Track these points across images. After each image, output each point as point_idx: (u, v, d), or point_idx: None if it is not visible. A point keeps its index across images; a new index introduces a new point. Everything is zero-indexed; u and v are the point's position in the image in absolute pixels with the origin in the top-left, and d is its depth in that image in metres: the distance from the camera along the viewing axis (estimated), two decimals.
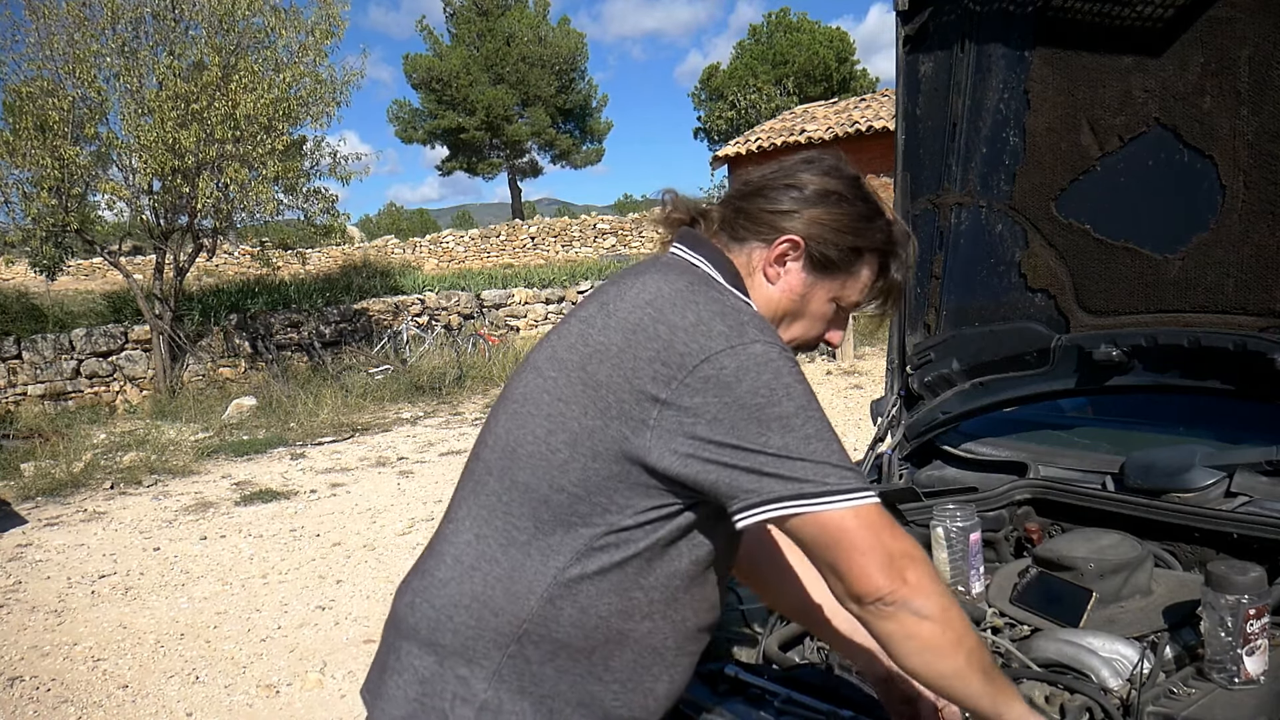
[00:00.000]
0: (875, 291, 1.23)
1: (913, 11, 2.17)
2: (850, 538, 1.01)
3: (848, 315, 1.26)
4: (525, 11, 33.45)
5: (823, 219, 1.17)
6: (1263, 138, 1.67)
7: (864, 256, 1.20)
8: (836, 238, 1.17)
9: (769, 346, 1.05)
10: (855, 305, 1.24)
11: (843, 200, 1.19)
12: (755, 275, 1.20)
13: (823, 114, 16.39)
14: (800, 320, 1.23)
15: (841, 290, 1.21)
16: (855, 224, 1.18)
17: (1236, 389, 1.77)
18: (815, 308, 1.22)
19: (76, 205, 10.79)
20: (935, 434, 2.27)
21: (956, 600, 1.07)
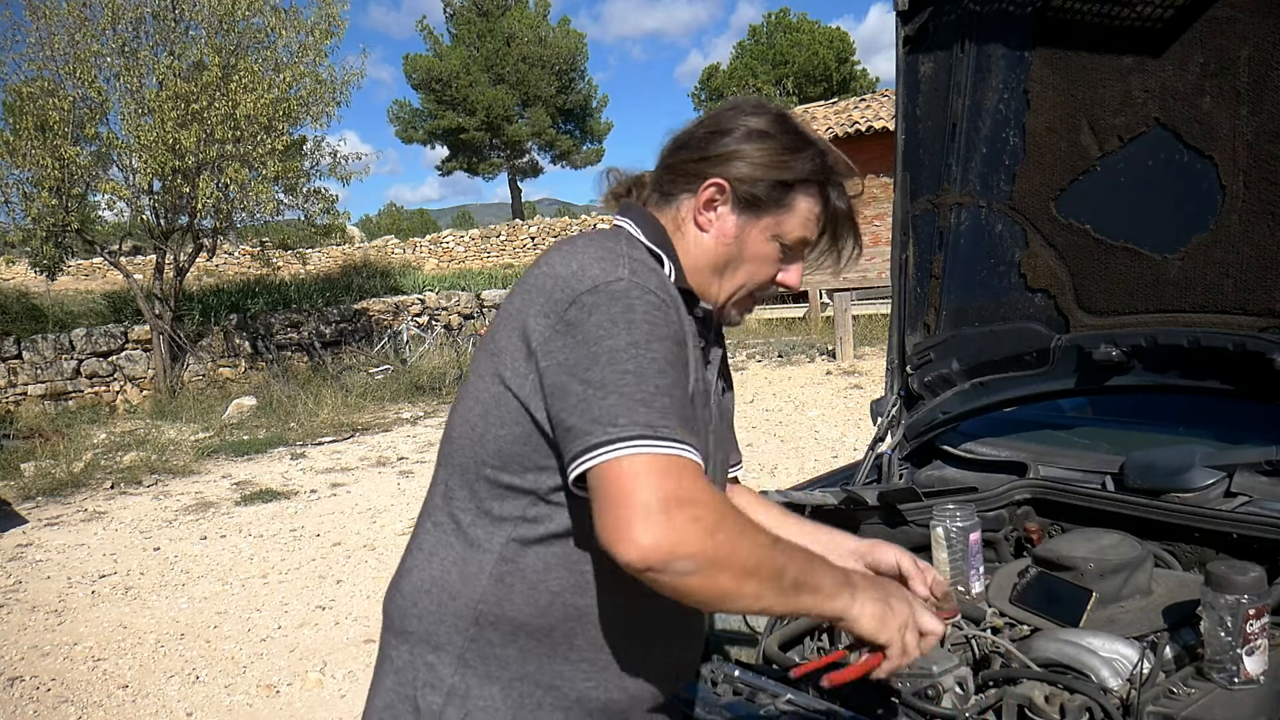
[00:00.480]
0: (820, 223, 1.20)
1: (913, 11, 2.17)
2: (609, 488, 0.92)
3: (800, 254, 1.23)
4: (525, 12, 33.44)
5: (745, 157, 1.15)
6: (1262, 138, 1.67)
7: (796, 189, 1.16)
8: (762, 173, 1.14)
9: (631, 284, 1.02)
10: (803, 241, 1.20)
11: (765, 136, 1.16)
12: (686, 227, 1.19)
13: (823, 114, 16.39)
14: (743, 265, 1.19)
15: (779, 227, 1.18)
16: (779, 157, 1.15)
17: (1236, 389, 1.77)
18: (754, 249, 1.18)
19: (77, 205, 10.80)
20: (935, 434, 2.27)
21: (725, 523, 0.94)
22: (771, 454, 7.28)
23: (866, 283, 14.14)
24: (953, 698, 1.37)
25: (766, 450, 7.41)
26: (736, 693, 1.43)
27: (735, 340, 13.48)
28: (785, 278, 1.23)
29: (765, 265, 1.20)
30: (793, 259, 1.22)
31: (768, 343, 13.03)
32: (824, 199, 1.19)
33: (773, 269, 1.21)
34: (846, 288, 13.32)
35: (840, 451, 7.09)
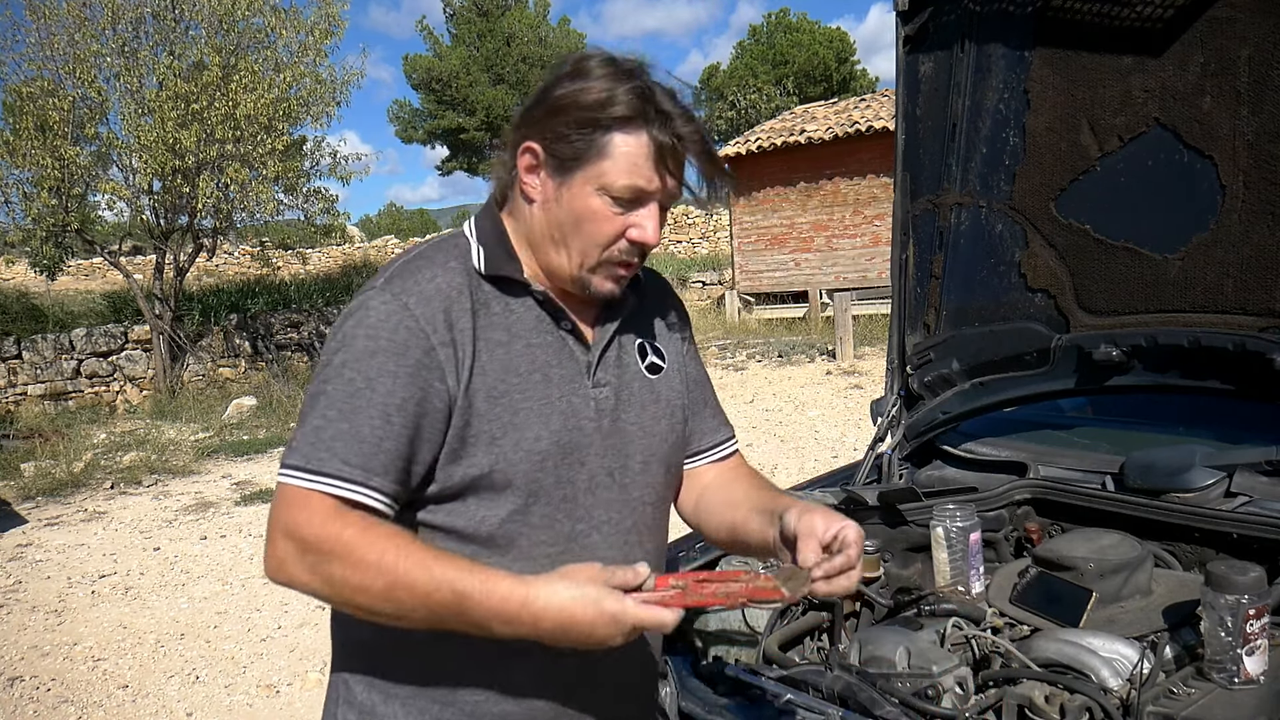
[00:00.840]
0: (649, 162, 1.08)
1: (913, 11, 2.17)
2: (272, 510, 1.03)
3: (646, 204, 1.11)
4: (525, 12, 33.44)
5: (547, 111, 1.09)
6: (1262, 138, 1.67)
7: (613, 132, 1.07)
8: (564, 124, 1.08)
9: (375, 294, 1.07)
10: (637, 189, 1.09)
11: (562, 83, 1.09)
12: (516, 202, 1.15)
13: (823, 114, 16.39)
14: (579, 230, 1.11)
15: (602, 178, 1.08)
16: (580, 102, 1.07)
17: (1236, 389, 1.77)
18: (580, 206, 1.09)
19: (76, 205, 10.80)
20: (935, 434, 2.27)
21: (332, 562, 0.99)
22: (771, 454, 7.28)
23: (866, 283, 14.15)
24: (953, 698, 1.37)
25: (766, 450, 7.41)
26: (736, 693, 1.43)
27: (735, 340, 13.49)
28: (638, 235, 1.11)
29: (600, 223, 1.10)
30: (636, 211, 1.11)
31: (768, 343, 13.03)
32: (651, 138, 1.07)
33: (611, 225, 1.10)
34: (847, 288, 13.32)
35: (840, 451, 7.09)
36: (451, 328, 1.07)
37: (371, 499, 1.02)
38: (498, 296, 1.13)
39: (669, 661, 1.50)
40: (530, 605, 0.96)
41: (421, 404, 1.04)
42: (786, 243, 15.62)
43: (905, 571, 1.95)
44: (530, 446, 1.09)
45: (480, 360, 1.08)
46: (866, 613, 1.82)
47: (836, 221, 15.03)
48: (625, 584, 0.97)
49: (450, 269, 1.11)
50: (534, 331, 1.14)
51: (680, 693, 1.44)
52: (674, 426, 1.25)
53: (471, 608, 0.97)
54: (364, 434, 1.01)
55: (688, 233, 24.71)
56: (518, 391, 1.10)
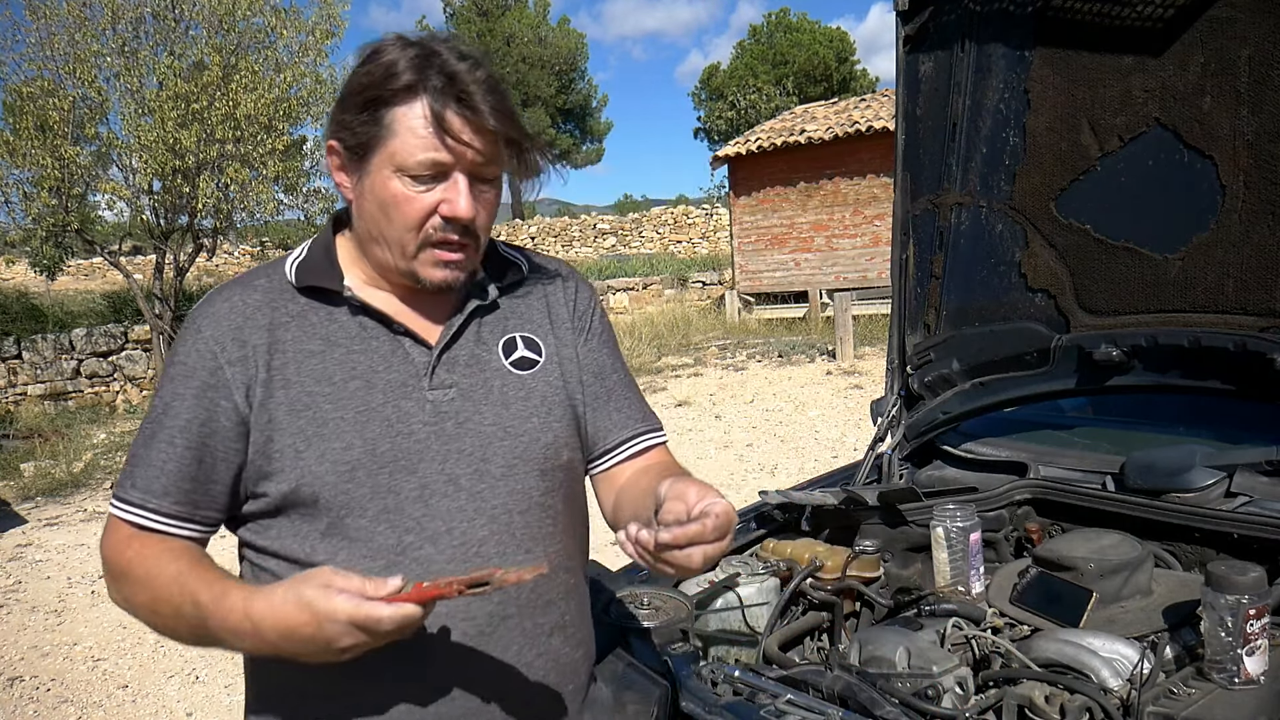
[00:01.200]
0: (435, 131, 1.02)
1: (913, 11, 2.17)
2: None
3: (446, 177, 1.05)
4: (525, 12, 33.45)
5: (338, 104, 1.08)
6: (1263, 138, 1.67)
7: (391, 106, 1.03)
8: (352, 111, 1.05)
9: (186, 321, 1.10)
10: (432, 162, 1.03)
11: (355, 71, 1.07)
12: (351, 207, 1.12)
13: (823, 114, 16.39)
14: (388, 219, 1.06)
15: (394, 159, 1.03)
16: (362, 85, 1.04)
17: (1236, 389, 1.77)
18: (381, 192, 1.05)
19: (76, 205, 10.79)
20: (935, 434, 2.27)
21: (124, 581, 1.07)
22: (771, 454, 7.28)
23: (866, 283, 14.15)
24: (953, 698, 1.37)
25: (767, 450, 7.41)
26: (736, 693, 1.43)
27: (735, 340, 13.49)
28: (447, 209, 1.05)
29: (404, 206, 1.05)
30: (436, 185, 1.05)
31: (768, 343, 13.03)
32: (429, 103, 1.02)
33: (417, 206, 1.05)
34: (847, 288, 13.32)
35: (840, 451, 7.09)
36: (243, 345, 1.07)
37: (153, 521, 1.06)
38: (317, 307, 1.11)
39: (669, 662, 1.50)
40: (250, 614, 0.95)
41: (207, 424, 1.05)
42: (786, 243, 15.62)
43: (905, 572, 1.95)
44: (337, 457, 1.04)
45: (284, 374, 1.06)
46: (866, 613, 1.82)
47: (836, 221, 15.03)
48: (362, 589, 0.91)
49: (254, 287, 1.11)
50: (357, 338, 1.10)
51: (680, 693, 1.44)
52: (549, 425, 1.15)
53: (209, 620, 0.98)
54: (153, 458, 1.06)
55: (688, 233, 24.71)
56: (328, 401, 1.06)
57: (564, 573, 1.16)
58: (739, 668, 1.49)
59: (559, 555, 1.15)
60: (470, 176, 1.05)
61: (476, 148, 1.04)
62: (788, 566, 1.84)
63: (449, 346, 1.12)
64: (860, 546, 1.89)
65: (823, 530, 2.09)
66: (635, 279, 17.92)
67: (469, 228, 1.07)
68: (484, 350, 1.14)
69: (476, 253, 1.11)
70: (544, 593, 1.13)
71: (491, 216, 1.11)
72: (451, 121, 1.02)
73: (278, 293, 1.11)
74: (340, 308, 1.11)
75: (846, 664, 1.47)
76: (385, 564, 1.04)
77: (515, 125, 1.06)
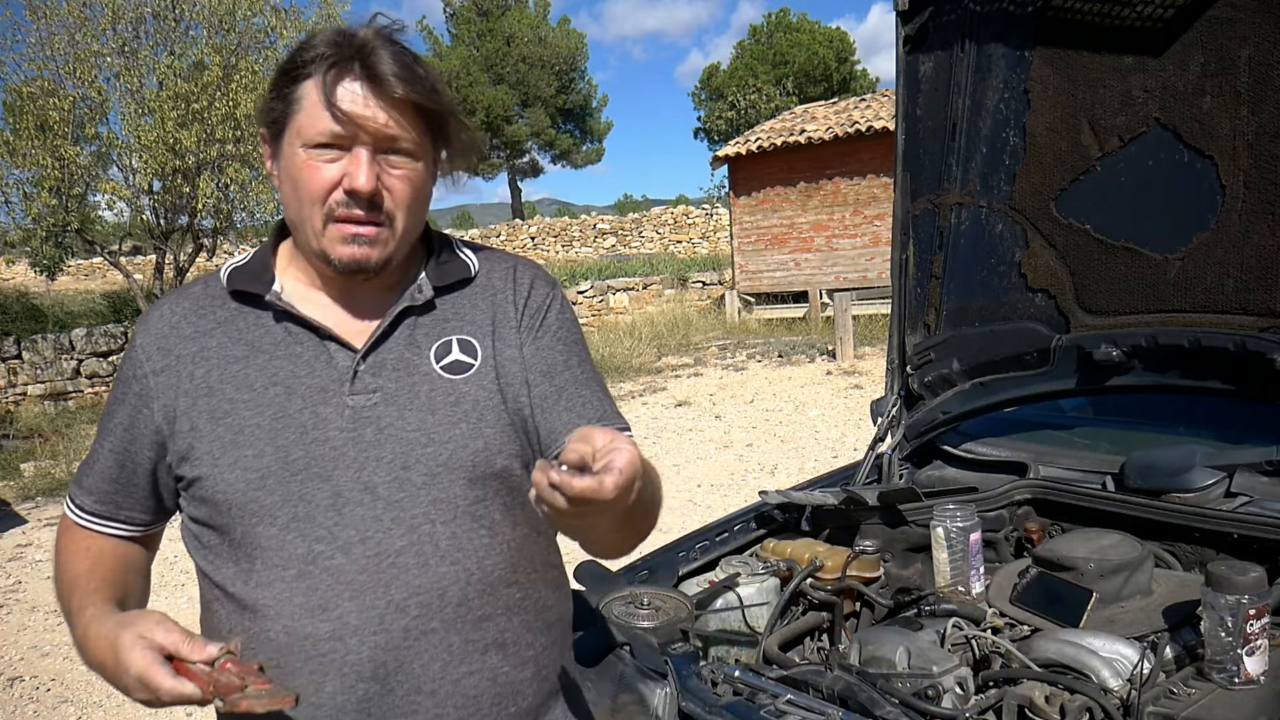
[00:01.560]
0: (320, 101, 1.00)
1: (913, 11, 2.17)
2: None
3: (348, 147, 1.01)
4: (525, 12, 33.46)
5: (266, 91, 1.07)
6: (1263, 138, 1.67)
7: (296, 84, 1.02)
8: (271, 92, 1.05)
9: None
10: (331, 133, 1.00)
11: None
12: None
13: (823, 114, 16.39)
14: (297, 195, 1.03)
15: (300, 133, 1.01)
16: (282, 65, 1.04)
17: (1237, 389, 1.77)
18: (290, 167, 1.03)
19: (77, 205, 10.79)
20: (935, 434, 2.27)
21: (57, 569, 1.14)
22: (772, 454, 7.28)
23: (866, 283, 14.15)
24: (953, 698, 1.37)
25: (767, 450, 7.41)
26: (736, 693, 1.43)
27: (735, 340, 13.49)
28: (347, 181, 1.00)
29: (308, 177, 1.02)
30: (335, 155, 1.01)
31: (768, 343, 13.03)
32: (335, 73, 1.00)
33: (319, 175, 1.01)
34: (847, 288, 13.32)
35: (840, 451, 7.09)
36: (168, 354, 1.08)
37: (79, 517, 1.13)
38: (246, 313, 1.10)
39: (669, 662, 1.50)
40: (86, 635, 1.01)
41: (129, 429, 1.09)
42: (786, 243, 15.62)
43: (905, 572, 1.95)
44: (249, 464, 1.03)
45: (207, 381, 1.06)
46: (866, 613, 1.82)
47: (836, 221, 15.03)
48: (177, 647, 0.92)
49: (189, 295, 1.13)
50: (281, 344, 1.08)
51: (680, 693, 1.44)
52: (479, 431, 1.07)
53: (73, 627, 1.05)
54: (90, 459, 1.13)
55: (688, 233, 24.71)
56: (247, 408, 1.05)
57: (505, 587, 1.08)
58: (739, 668, 1.49)
59: (498, 568, 1.08)
60: (380, 150, 1.02)
61: (380, 119, 1.00)
62: (788, 566, 1.84)
63: (374, 349, 1.07)
64: (860, 546, 1.89)
65: (823, 530, 2.09)
66: (635, 279, 17.92)
67: (376, 203, 1.02)
68: (414, 354, 1.09)
69: (392, 234, 1.05)
70: (476, 607, 1.06)
71: (413, 196, 1.05)
72: (349, 89, 0.99)
73: (209, 299, 1.12)
74: (268, 312, 1.10)
75: (846, 664, 1.47)
76: (295, 573, 1.02)
77: (428, 94, 1.01)
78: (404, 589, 1.02)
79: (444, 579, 1.04)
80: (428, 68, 1.05)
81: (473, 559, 1.06)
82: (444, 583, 1.04)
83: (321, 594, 1.01)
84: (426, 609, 1.03)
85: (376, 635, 1.02)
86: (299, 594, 1.02)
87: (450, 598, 1.04)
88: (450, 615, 1.04)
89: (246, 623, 1.04)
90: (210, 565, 1.08)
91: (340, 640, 1.01)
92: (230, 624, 1.05)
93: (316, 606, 1.01)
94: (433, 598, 1.03)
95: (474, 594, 1.06)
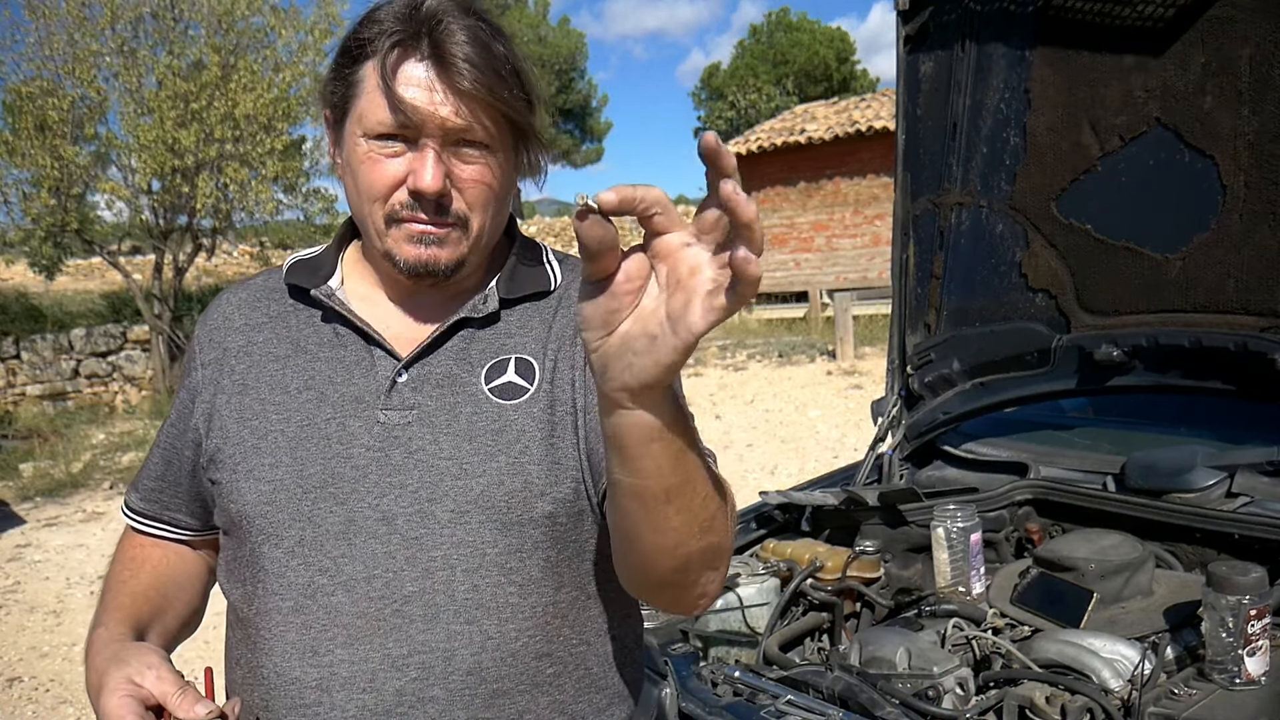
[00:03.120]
0: (380, 90, 0.88)
1: (913, 11, 2.17)
2: None
3: (414, 141, 0.89)
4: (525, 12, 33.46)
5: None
6: (1263, 138, 1.67)
7: (358, 64, 0.91)
8: (333, 70, 0.94)
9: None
10: (386, 122, 0.89)
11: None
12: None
13: (823, 114, 16.39)
14: (359, 190, 0.92)
15: (360, 120, 0.90)
16: (344, 40, 0.94)
17: (1238, 389, 1.77)
18: (352, 157, 0.92)
19: (76, 205, 10.78)
20: (936, 434, 2.27)
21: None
22: (772, 454, 7.28)
23: (867, 283, 14.15)
24: (953, 698, 1.37)
25: (767, 450, 7.41)
26: (736, 693, 1.43)
27: (735, 340, 13.49)
28: (413, 181, 0.89)
29: (368, 171, 0.90)
30: (398, 149, 0.90)
31: (768, 343, 13.03)
32: (398, 55, 0.88)
33: (382, 171, 0.90)
34: (847, 288, 13.32)
35: (841, 452, 7.08)
36: (219, 346, 1.01)
37: (130, 518, 1.09)
38: (300, 309, 1.00)
39: (669, 662, 1.50)
40: (89, 657, 0.94)
41: (177, 425, 1.04)
42: (786, 243, 15.62)
43: (906, 572, 1.95)
44: (263, 475, 0.92)
45: (244, 379, 0.97)
46: (867, 613, 1.82)
47: (837, 221, 15.03)
48: (165, 696, 0.85)
49: (250, 285, 1.05)
50: (327, 345, 0.97)
51: (680, 693, 1.44)
52: (520, 467, 0.91)
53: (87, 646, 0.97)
54: (148, 457, 1.08)
55: None
56: (276, 412, 0.94)
57: (534, 659, 0.91)
58: (739, 668, 1.49)
59: (526, 635, 0.91)
60: (450, 143, 0.89)
61: (447, 110, 0.87)
62: (788, 567, 1.84)
63: (418, 360, 0.94)
64: (861, 547, 1.89)
65: (823, 530, 2.09)
66: None
67: (445, 205, 0.90)
68: (464, 370, 0.94)
69: (465, 235, 0.93)
70: (491, 678, 0.89)
71: (488, 194, 0.93)
72: (412, 74, 0.87)
73: (268, 291, 1.03)
74: (318, 309, 1.00)
75: (847, 665, 1.47)
76: (293, 605, 0.90)
77: (504, 83, 0.89)
78: (404, 643, 0.87)
79: (454, 639, 0.88)
80: (509, 44, 0.93)
81: (492, 620, 0.89)
82: (454, 643, 0.88)
83: (314, 635, 0.89)
84: (427, 671, 0.88)
85: (365, 694, 0.87)
86: (292, 630, 0.90)
87: (459, 662, 0.88)
88: (457, 684, 0.88)
89: (248, 654, 0.95)
90: (225, 581, 1.00)
91: (326, 692, 0.88)
92: (238, 653, 0.99)
93: (307, 649, 0.89)
94: (437, 659, 0.88)
95: (490, 662, 0.89)
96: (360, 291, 1.00)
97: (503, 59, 0.90)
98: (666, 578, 0.83)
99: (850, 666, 1.46)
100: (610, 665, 0.98)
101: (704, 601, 0.89)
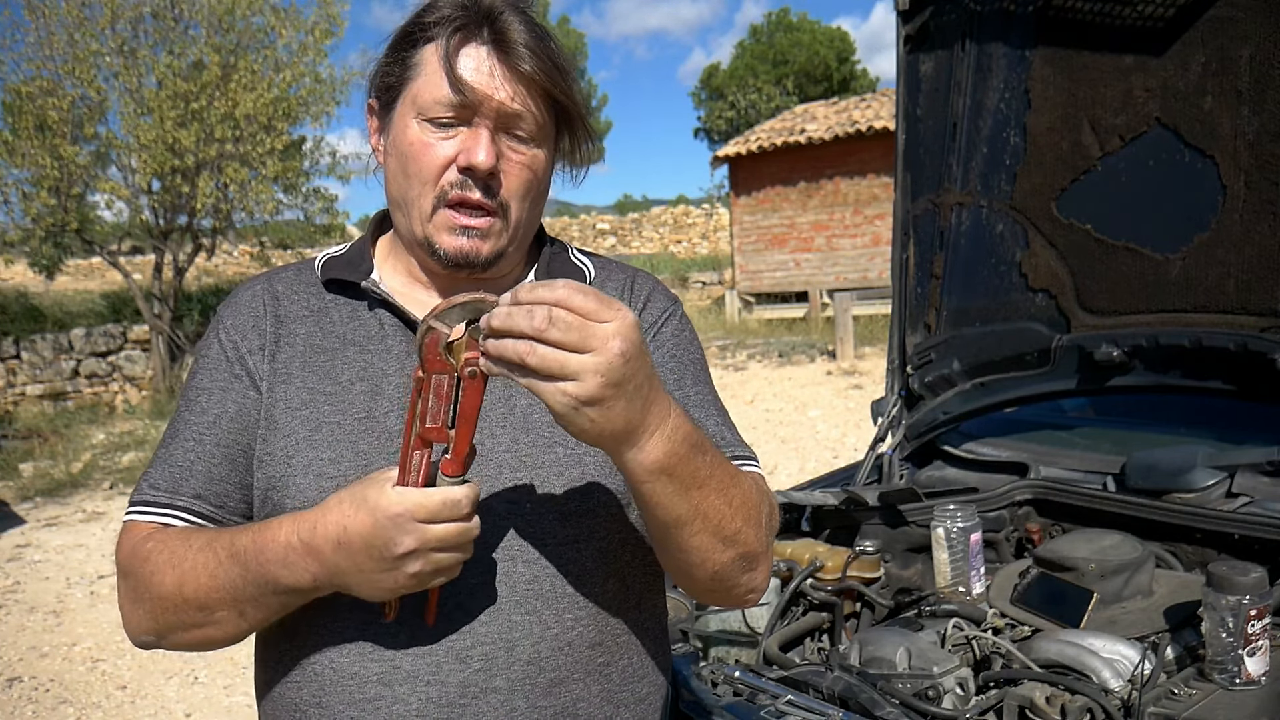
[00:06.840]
0: (441, 67, 0.92)
1: (913, 11, 2.17)
2: None
3: (467, 120, 0.93)
4: None
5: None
6: (1263, 137, 1.67)
7: (416, 48, 0.94)
8: (386, 56, 0.97)
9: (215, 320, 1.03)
10: (447, 101, 0.92)
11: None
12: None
13: (823, 114, 16.38)
14: (406, 173, 0.95)
15: (415, 101, 0.93)
16: (401, 27, 0.97)
17: (1238, 389, 1.77)
18: (401, 140, 0.95)
19: (76, 205, 10.79)
20: (936, 434, 2.27)
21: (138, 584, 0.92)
22: (772, 454, 7.28)
23: (867, 283, 14.15)
24: (953, 698, 1.37)
25: (767, 450, 7.41)
26: (736, 693, 1.43)
27: (735, 340, 13.49)
28: (465, 158, 0.92)
29: (420, 153, 0.93)
30: (458, 132, 0.93)
31: (768, 343, 13.02)
32: (459, 38, 0.92)
33: (433, 153, 0.93)
34: (847, 288, 13.32)
35: (841, 452, 7.09)
36: (262, 334, 0.99)
37: (177, 519, 0.94)
38: (342, 303, 1.01)
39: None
40: (299, 529, 0.83)
41: (236, 418, 0.96)
42: (787, 243, 15.62)
43: (906, 572, 1.94)
44: (322, 469, 0.91)
45: (288, 369, 0.97)
46: (867, 613, 1.82)
47: (837, 221, 15.03)
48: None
49: (281, 279, 1.04)
50: (374, 337, 0.98)
51: (680, 693, 1.44)
52: (577, 457, 0.94)
53: (249, 564, 0.85)
54: (176, 458, 0.96)
55: (688, 233, 24.71)
56: (328, 402, 0.94)
57: (588, 648, 0.94)
58: (739, 668, 1.49)
59: (581, 624, 0.93)
60: (500, 129, 0.93)
61: (505, 92, 0.91)
62: (788, 567, 1.84)
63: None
64: (861, 547, 1.89)
65: (823, 530, 2.09)
66: None
67: (491, 187, 0.93)
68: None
69: (505, 225, 0.96)
70: (550, 667, 0.91)
71: (530, 185, 0.96)
72: (474, 56, 0.91)
73: (303, 285, 1.03)
74: (363, 303, 1.00)
75: (847, 665, 1.47)
76: (350, 601, 0.88)
77: (560, 79, 0.94)
78: (469, 636, 0.89)
79: (515, 629, 0.90)
80: (559, 44, 0.96)
81: (551, 609, 0.92)
82: (515, 634, 0.90)
83: (375, 630, 0.89)
84: (490, 663, 0.89)
85: (429, 687, 0.88)
86: (351, 626, 0.90)
87: (520, 653, 0.90)
88: (518, 674, 0.90)
89: (294, 650, 0.93)
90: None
91: (388, 686, 0.89)
92: (279, 651, 0.95)
93: (368, 643, 0.89)
94: (499, 650, 0.89)
95: (548, 651, 0.91)
96: (397, 286, 1.02)
97: (555, 52, 0.95)
98: (704, 585, 0.92)
99: (850, 666, 1.46)
100: (647, 655, 1.02)
101: (753, 596, 0.96)
